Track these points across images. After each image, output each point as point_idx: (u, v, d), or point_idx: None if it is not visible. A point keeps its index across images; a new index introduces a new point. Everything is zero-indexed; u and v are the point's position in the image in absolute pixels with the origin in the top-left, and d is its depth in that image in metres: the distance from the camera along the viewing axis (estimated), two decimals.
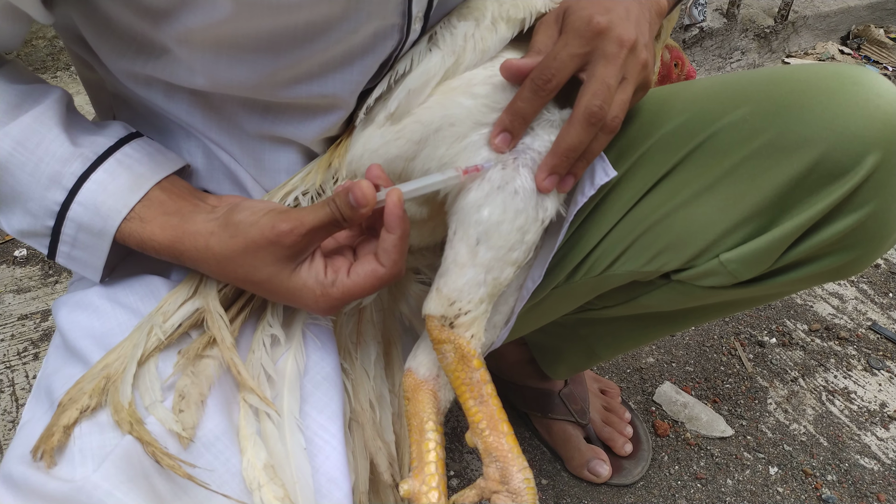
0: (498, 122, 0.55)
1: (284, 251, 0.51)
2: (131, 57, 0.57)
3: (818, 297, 1.36)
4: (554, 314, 0.79)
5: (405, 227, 0.52)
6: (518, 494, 0.53)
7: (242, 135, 0.61)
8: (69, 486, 0.47)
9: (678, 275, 0.66)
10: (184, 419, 0.50)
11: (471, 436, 0.56)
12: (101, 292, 0.59)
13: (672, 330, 0.82)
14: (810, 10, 2.29)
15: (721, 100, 0.61)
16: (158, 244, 0.55)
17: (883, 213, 0.58)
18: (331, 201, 0.51)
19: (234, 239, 0.52)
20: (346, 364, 0.64)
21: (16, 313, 1.19)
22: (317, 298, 0.53)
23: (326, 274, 0.53)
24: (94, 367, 0.53)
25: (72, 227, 0.55)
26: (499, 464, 0.54)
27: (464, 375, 0.55)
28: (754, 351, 1.23)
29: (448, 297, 0.55)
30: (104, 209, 0.54)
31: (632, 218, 0.65)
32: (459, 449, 1.03)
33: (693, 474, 1.03)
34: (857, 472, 1.04)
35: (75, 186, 0.54)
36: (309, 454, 0.54)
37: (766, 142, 0.58)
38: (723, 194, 0.61)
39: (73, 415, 0.50)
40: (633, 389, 1.15)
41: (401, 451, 0.66)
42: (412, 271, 0.70)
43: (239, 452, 0.52)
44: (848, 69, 0.58)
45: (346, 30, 0.54)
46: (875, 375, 1.20)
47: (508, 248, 0.55)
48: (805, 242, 0.60)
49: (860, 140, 0.54)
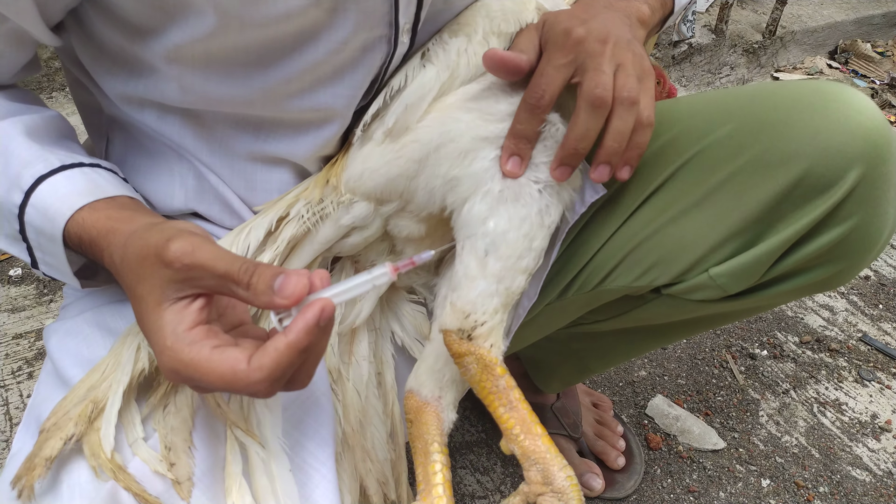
0: (504, 149, 0.56)
1: (166, 274, 0.44)
2: (124, 78, 0.58)
3: (809, 309, 1.37)
4: (547, 329, 0.80)
5: (308, 342, 0.42)
6: (563, 493, 0.53)
7: (233, 157, 0.62)
8: None
9: (669, 289, 0.68)
10: (177, 472, 0.50)
11: (506, 443, 0.56)
12: (90, 319, 0.59)
13: (663, 342, 0.83)
14: (798, 25, 2.32)
15: (707, 117, 0.63)
16: (89, 237, 0.50)
17: (866, 226, 0.59)
18: (251, 264, 0.43)
19: (140, 241, 0.46)
20: (337, 386, 0.64)
21: (10, 332, 1.19)
22: (162, 349, 0.43)
23: (193, 331, 0.43)
24: (78, 388, 0.52)
25: (32, 231, 0.53)
26: (539, 466, 0.54)
27: (490, 385, 0.56)
28: (746, 363, 1.24)
29: (462, 310, 0.56)
30: (51, 212, 0.51)
31: (622, 234, 0.67)
32: (453, 464, 1.03)
33: (685, 487, 1.03)
34: (848, 484, 1.04)
35: (32, 188, 0.52)
36: (298, 483, 0.53)
37: (751, 158, 0.59)
38: (711, 210, 0.62)
39: (57, 445, 0.49)
40: (625, 403, 1.15)
41: (395, 472, 0.66)
42: (406, 290, 0.71)
43: (224, 491, 0.51)
44: (829, 86, 0.59)
45: (334, 40, 0.54)
46: (866, 387, 1.21)
47: (517, 256, 0.56)
48: (792, 256, 0.62)
49: (842, 155, 0.56)
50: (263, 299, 0.42)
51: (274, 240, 0.60)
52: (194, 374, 0.43)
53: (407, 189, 0.59)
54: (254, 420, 0.54)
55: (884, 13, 2.47)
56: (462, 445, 1.06)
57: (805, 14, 2.40)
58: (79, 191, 0.52)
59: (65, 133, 0.60)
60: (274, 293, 0.42)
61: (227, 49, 0.53)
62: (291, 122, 0.60)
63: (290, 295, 0.42)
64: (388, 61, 0.58)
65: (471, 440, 1.07)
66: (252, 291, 0.42)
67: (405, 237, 0.63)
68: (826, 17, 2.39)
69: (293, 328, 0.42)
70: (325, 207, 0.61)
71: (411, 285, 0.71)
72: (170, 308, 0.44)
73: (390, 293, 0.70)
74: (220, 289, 0.44)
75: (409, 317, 0.70)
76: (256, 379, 0.42)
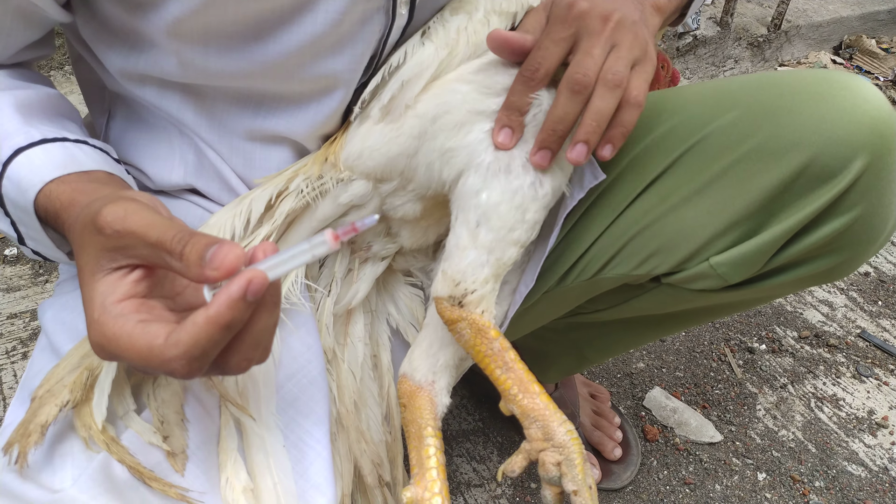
0: (497, 120, 0.56)
1: (99, 241, 0.41)
2: (125, 53, 0.58)
3: (808, 304, 1.36)
4: (545, 318, 0.79)
5: (231, 317, 0.38)
6: (564, 447, 0.54)
7: (233, 135, 0.61)
8: (48, 498, 0.47)
9: (668, 278, 0.67)
10: (173, 444, 0.50)
11: (504, 404, 0.57)
12: None
13: (662, 333, 0.83)
14: (803, 19, 2.31)
15: (711, 104, 0.62)
16: (54, 209, 0.49)
17: (870, 217, 0.58)
18: (186, 233, 0.40)
19: (85, 210, 0.44)
20: (331, 366, 0.63)
21: (5, 312, 1.18)
22: (92, 321, 0.41)
23: (122, 303, 0.41)
24: (72, 355, 0.52)
25: (10, 205, 0.52)
26: (539, 423, 0.55)
27: (484, 348, 0.56)
28: (744, 357, 1.24)
29: (453, 278, 0.56)
30: (24, 183, 0.49)
31: (622, 222, 0.66)
32: (449, 452, 1.03)
33: (682, 479, 1.03)
34: (844, 479, 1.04)
35: (9, 160, 0.50)
36: (293, 460, 0.53)
37: (755, 146, 0.58)
38: (712, 198, 0.61)
39: (52, 412, 0.49)
40: (623, 394, 1.15)
41: (390, 454, 0.66)
42: (402, 273, 0.70)
43: (218, 466, 0.51)
44: (836, 74, 0.59)
45: (332, 10, 0.53)
46: (864, 383, 1.21)
47: (508, 228, 0.56)
48: (794, 246, 0.61)
49: (848, 144, 0.55)
50: (195, 271, 0.38)
51: (272, 214, 0.59)
52: (116, 350, 0.40)
53: (408, 167, 0.59)
54: (248, 396, 0.54)
55: (889, 9, 2.46)
56: (458, 434, 1.06)
57: (810, 8, 2.38)
58: (53, 164, 0.50)
59: (62, 112, 0.59)
60: (204, 264, 0.38)
61: (225, 22, 0.53)
62: (292, 97, 0.59)
63: (220, 266, 0.38)
64: (386, 34, 0.58)
65: (467, 429, 1.07)
66: (184, 262, 0.39)
67: (401, 218, 0.63)
68: (831, 13, 2.38)
69: (215, 301, 0.38)
70: (325, 183, 0.60)
71: (409, 269, 0.70)
72: (103, 279, 0.41)
73: (387, 275, 0.70)
74: (154, 259, 0.40)
75: (405, 300, 0.70)
76: (171, 356, 0.38)
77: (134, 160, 0.64)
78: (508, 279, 0.66)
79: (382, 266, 0.67)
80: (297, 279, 0.60)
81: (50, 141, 0.52)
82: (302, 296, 0.60)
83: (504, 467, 0.57)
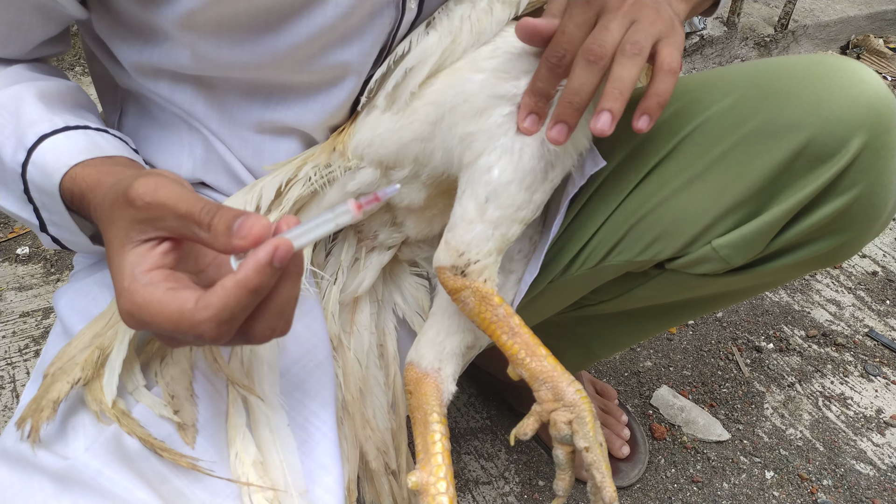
0: (523, 106, 0.56)
1: (130, 213, 0.43)
2: (139, 47, 0.59)
3: (815, 303, 1.36)
4: (551, 310, 0.80)
5: (259, 281, 0.39)
6: (574, 406, 0.55)
7: (243, 127, 0.62)
8: (63, 463, 0.48)
9: (672, 263, 0.67)
10: (183, 417, 0.51)
11: (512, 369, 0.58)
12: (99, 280, 0.60)
13: (667, 324, 0.83)
14: (810, 19, 2.31)
15: (710, 89, 0.63)
16: (79, 191, 0.50)
17: (870, 196, 0.59)
18: (213, 206, 0.41)
19: (114, 187, 0.45)
20: (337, 353, 0.64)
21: (17, 311, 1.20)
22: (121, 291, 0.42)
23: (151, 273, 0.42)
24: (84, 335, 0.53)
25: (34, 190, 0.53)
26: (548, 384, 0.56)
27: (489, 314, 0.57)
28: (751, 356, 1.24)
29: (457, 249, 0.57)
30: (49, 168, 0.51)
31: (625, 208, 0.66)
32: (457, 450, 1.03)
33: (689, 478, 1.03)
34: (852, 478, 1.04)
35: (34, 146, 0.52)
36: (300, 440, 0.54)
37: (754, 128, 0.59)
38: (714, 181, 0.62)
39: (64, 388, 0.50)
40: (630, 393, 1.15)
41: (396, 441, 0.67)
42: (408, 263, 0.71)
43: (227, 441, 0.52)
44: (832, 58, 0.59)
45: (343, 4, 0.54)
46: (871, 382, 1.21)
47: (517, 207, 0.56)
48: (795, 227, 0.61)
49: (845, 124, 0.56)
50: (222, 241, 0.40)
51: (280, 201, 0.60)
52: (146, 317, 0.41)
53: (422, 152, 0.60)
54: (255, 377, 0.55)
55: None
56: (467, 431, 1.06)
57: (817, 8, 2.38)
58: (77, 149, 0.52)
59: (81, 103, 0.60)
60: (232, 234, 0.40)
61: (238, 13, 0.54)
62: (301, 88, 0.60)
63: (247, 235, 0.39)
64: (396, 28, 0.59)
65: (475, 426, 1.07)
66: (213, 233, 0.40)
67: (406, 206, 0.64)
68: (839, 12, 2.37)
69: (243, 266, 0.39)
70: (333, 171, 0.61)
71: (414, 259, 0.71)
72: (133, 250, 0.43)
73: (393, 265, 0.70)
74: (183, 231, 0.42)
75: (411, 290, 0.71)
76: (201, 318, 0.39)
77: (144, 155, 0.65)
78: (514, 269, 0.66)
79: (388, 255, 0.68)
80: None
81: (73, 128, 0.53)
82: (307, 282, 0.61)
83: (516, 430, 0.57)
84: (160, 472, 0.50)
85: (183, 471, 0.50)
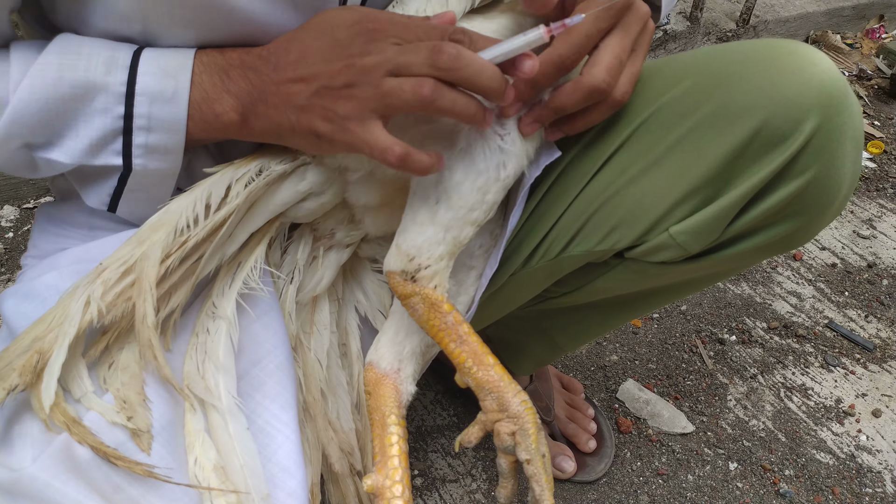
0: (517, 94, 0.56)
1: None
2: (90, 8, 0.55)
3: (777, 295, 1.38)
4: (514, 303, 0.79)
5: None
6: (518, 417, 0.55)
7: None
8: (8, 475, 0.46)
9: (630, 252, 0.67)
10: (137, 423, 0.49)
11: (460, 377, 0.57)
12: (48, 282, 0.57)
13: (630, 315, 0.83)
14: (771, 14, 2.34)
15: (664, 76, 0.63)
16: (225, 60, 0.54)
17: (824, 179, 0.59)
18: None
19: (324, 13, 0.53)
20: (297, 354, 0.63)
21: None
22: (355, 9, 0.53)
23: None
24: (23, 339, 0.50)
25: (143, 104, 0.53)
26: (494, 394, 0.56)
27: (438, 322, 0.56)
28: (715, 348, 1.25)
29: (407, 253, 0.56)
30: (171, 67, 0.53)
31: (583, 198, 0.66)
32: (424, 448, 1.02)
33: (655, 470, 1.04)
34: (813, 467, 1.06)
35: (134, 60, 0.52)
36: (261, 444, 0.53)
37: (708, 113, 0.59)
38: (670, 167, 0.62)
39: (0, 395, 0.47)
40: (596, 387, 1.16)
41: (361, 441, 0.66)
42: (369, 260, 0.70)
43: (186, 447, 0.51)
44: (783, 42, 0.60)
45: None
46: (831, 372, 1.23)
47: (468, 208, 0.56)
48: (751, 212, 0.61)
49: (797, 106, 0.56)
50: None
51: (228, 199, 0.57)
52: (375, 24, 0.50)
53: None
54: (210, 380, 0.53)
55: (853, 5, 2.50)
56: (433, 429, 1.05)
57: (778, 4, 2.42)
58: (178, 51, 0.54)
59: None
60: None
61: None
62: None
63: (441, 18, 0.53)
64: None
65: (442, 424, 1.07)
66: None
67: (363, 205, 0.62)
68: (798, 8, 2.41)
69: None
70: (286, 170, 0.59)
71: (375, 256, 0.70)
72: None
73: (354, 262, 0.69)
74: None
75: (373, 287, 0.70)
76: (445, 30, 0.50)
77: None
78: (475, 264, 0.66)
79: (347, 253, 0.66)
80: (256, 265, 0.59)
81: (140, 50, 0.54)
82: (262, 282, 0.59)
83: (461, 438, 0.57)
84: (114, 481, 0.48)
85: (138, 479, 0.48)
